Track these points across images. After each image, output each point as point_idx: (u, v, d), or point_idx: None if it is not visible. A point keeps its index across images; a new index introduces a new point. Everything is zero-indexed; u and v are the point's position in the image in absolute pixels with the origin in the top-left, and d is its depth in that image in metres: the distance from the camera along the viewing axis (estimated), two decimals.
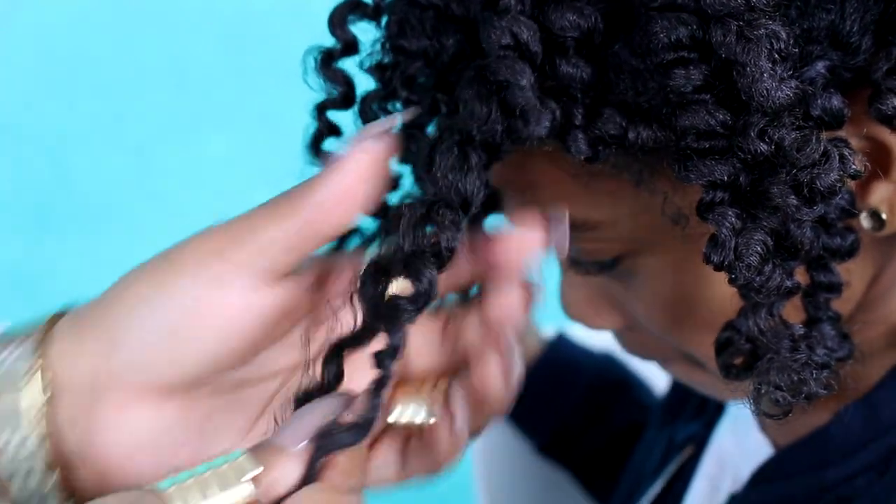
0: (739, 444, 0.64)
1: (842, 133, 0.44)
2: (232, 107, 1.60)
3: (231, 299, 0.44)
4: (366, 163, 0.43)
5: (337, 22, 0.49)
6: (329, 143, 0.53)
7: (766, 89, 0.40)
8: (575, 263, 0.54)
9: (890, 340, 0.54)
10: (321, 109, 0.51)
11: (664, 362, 0.59)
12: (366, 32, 0.50)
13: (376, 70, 0.49)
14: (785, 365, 0.44)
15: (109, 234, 1.65)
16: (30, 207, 1.65)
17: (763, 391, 0.44)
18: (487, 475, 1.09)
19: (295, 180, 0.57)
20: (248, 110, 1.56)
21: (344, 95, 0.50)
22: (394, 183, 0.50)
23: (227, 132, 1.61)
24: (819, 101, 0.42)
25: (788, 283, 0.44)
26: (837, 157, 0.41)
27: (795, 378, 0.44)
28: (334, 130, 0.51)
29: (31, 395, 0.45)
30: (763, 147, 0.41)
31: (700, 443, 0.69)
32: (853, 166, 0.42)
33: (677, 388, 0.76)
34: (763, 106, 0.40)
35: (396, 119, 0.45)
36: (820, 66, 0.43)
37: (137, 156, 1.65)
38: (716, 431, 0.68)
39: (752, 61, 0.40)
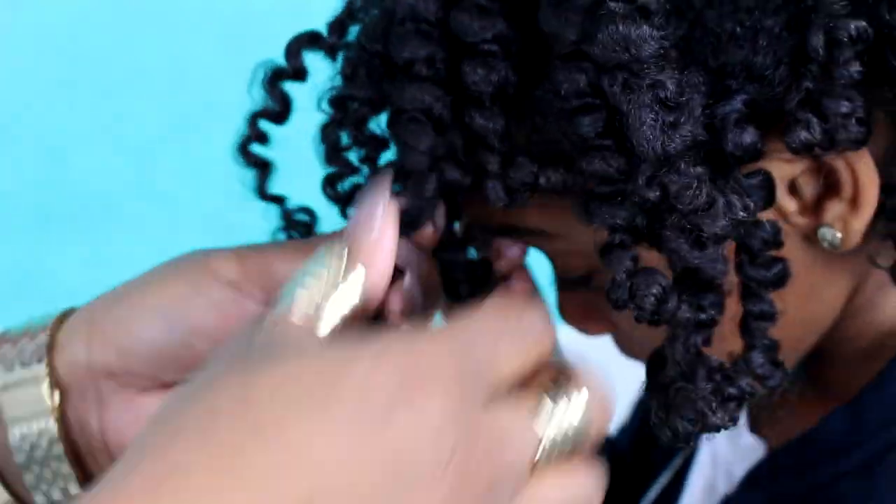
0: (732, 444, 0.65)
1: (764, 165, 0.45)
2: (232, 107, 1.60)
3: (239, 317, 0.47)
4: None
5: (293, 50, 0.52)
6: (256, 148, 0.56)
7: (647, 139, 0.41)
8: (558, 280, 0.55)
9: (877, 348, 0.55)
10: (254, 117, 0.54)
11: None
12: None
13: (335, 103, 0.51)
14: (689, 395, 0.45)
15: (109, 234, 1.65)
16: (30, 207, 1.65)
17: (668, 418, 0.46)
18: None
19: (293, 179, 0.58)
20: (248, 110, 1.56)
21: (278, 113, 0.54)
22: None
23: (227, 132, 1.61)
24: (730, 137, 0.43)
25: (703, 317, 0.45)
26: (723, 203, 0.42)
27: (699, 408, 0.45)
28: (261, 138, 0.55)
29: (43, 403, 0.47)
30: (651, 193, 0.42)
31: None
32: (741, 213, 0.43)
33: None
34: (645, 154, 0.41)
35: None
36: (737, 100, 0.44)
37: (137, 156, 1.65)
38: None
39: (633, 111, 0.41)
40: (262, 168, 0.56)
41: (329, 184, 0.54)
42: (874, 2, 0.44)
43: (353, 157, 0.54)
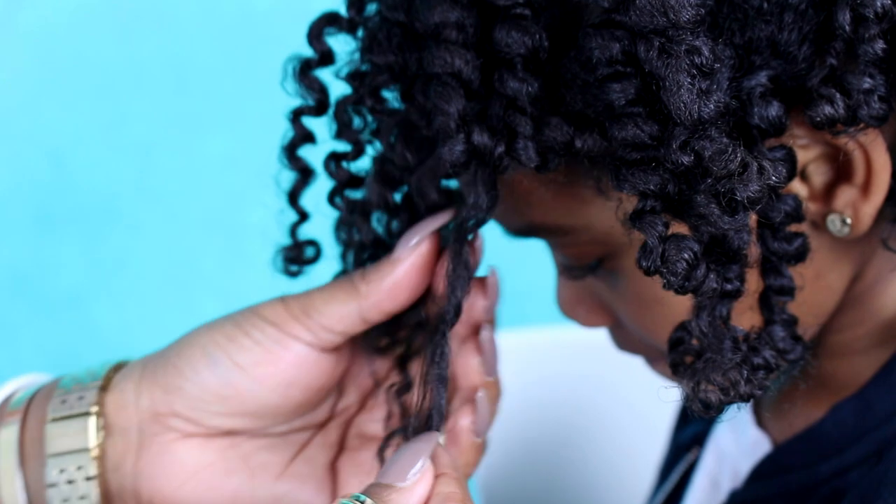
0: (738, 440, 0.65)
1: (787, 135, 0.45)
2: (232, 107, 1.60)
3: (286, 366, 0.50)
4: (419, 260, 0.50)
5: (314, 34, 0.52)
6: (303, 150, 0.55)
7: (684, 103, 0.41)
8: (565, 268, 0.56)
9: (881, 337, 0.55)
10: (296, 115, 0.53)
11: (649, 360, 0.60)
12: (346, 45, 0.52)
13: (352, 78, 0.51)
14: (719, 364, 0.45)
15: (109, 234, 1.65)
16: (30, 207, 1.65)
17: (699, 389, 0.46)
18: (487, 473, 1.10)
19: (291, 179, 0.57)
20: (248, 110, 1.57)
21: (318, 102, 0.53)
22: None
23: (227, 132, 1.61)
24: (756, 110, 0.44)
25: (729, 287, 0.45)
26: (756, 168, 0.42)
27: (732, 377, 0.45)
28: (308, 137, 0.54)
29: (86, 438, 0.49)
30: (685, 158, 0.42)
31: (703, 442, 0.70)
32: (773, 177, 0.43)
33: None
34: (681, 118, 0.41)
35: (443, 219, 0.51)
36: (762, 75, 0.44)
37: (137, 156, 1.65)
38: (714, 429, 0.69)
39: (671, 76, 0.41)
40: (304, 175, 0.56)
41: (334, 160, 0.54)
42: None
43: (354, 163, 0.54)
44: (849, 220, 0.49)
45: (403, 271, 0.50)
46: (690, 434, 0.72)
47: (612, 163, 0.45)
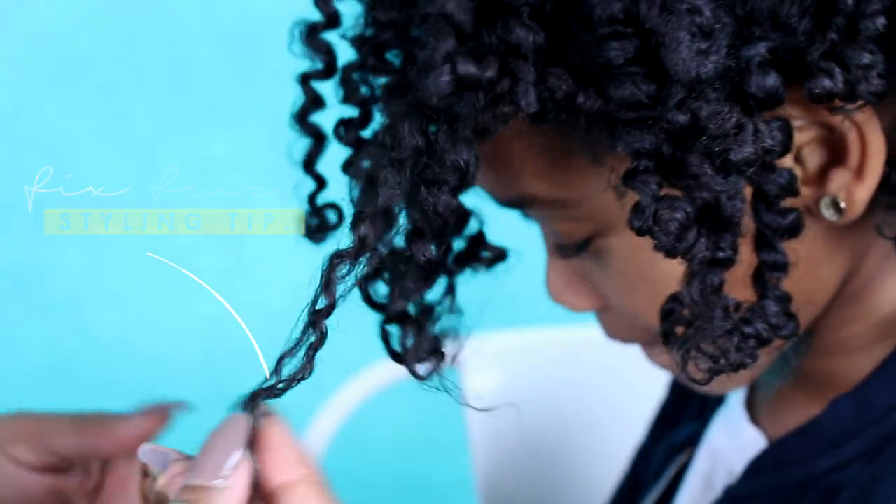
0: (732, 438, 0.65)
1: (783, 112, 0.45)
2: (232, 107, 1.60)
3: (11, 492, 0.56)
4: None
5: None
6: (315, 116, 0.54)
7: (682, 60, 0.41)
8: (555, 247, 0.56)
9: (880, 333, 0.55)
10: (305, 79, 0.53)
11: (645, 346, 0.60)
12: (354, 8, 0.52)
13: (357, 41, 0.51)
14: (709, 332, 0.45)
15: (109, 234, 1.65)
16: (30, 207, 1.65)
17: (689, 357, 0.46)
18: (487, 473, 1.10)
19: (293, 180, 0.58)
20: (248, 110, 1.56)
21: (326, 65, 0.53)
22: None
23: (227, 132, 1.61)
24: (753, 79, 0.44)
25: (720, 255, 0.45)
26: (752, 129, 0.42)
27: (722, 345, 0.46)
28: (318, 102, 0.53)
29: None
30: (681, 117, 0.42)
31: (696, 444, 0.70)
32: (768, 140, 0.43)
33: (674, 394, 0.77)
34: (679, 76, 0.42)
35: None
36: (761, 46, 0.44)
37: (137, 156, 1.65)
38: (708, 428, 0.68)
39: (671, 32, 0.41)
40: (318, 140, 0.56)
41: (343, 125, 0.54)
42: None
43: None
44: (842, 205, 0.49)
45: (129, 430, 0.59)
46: (683, 436, 0.72)
47: (607, 121, 0.44)
